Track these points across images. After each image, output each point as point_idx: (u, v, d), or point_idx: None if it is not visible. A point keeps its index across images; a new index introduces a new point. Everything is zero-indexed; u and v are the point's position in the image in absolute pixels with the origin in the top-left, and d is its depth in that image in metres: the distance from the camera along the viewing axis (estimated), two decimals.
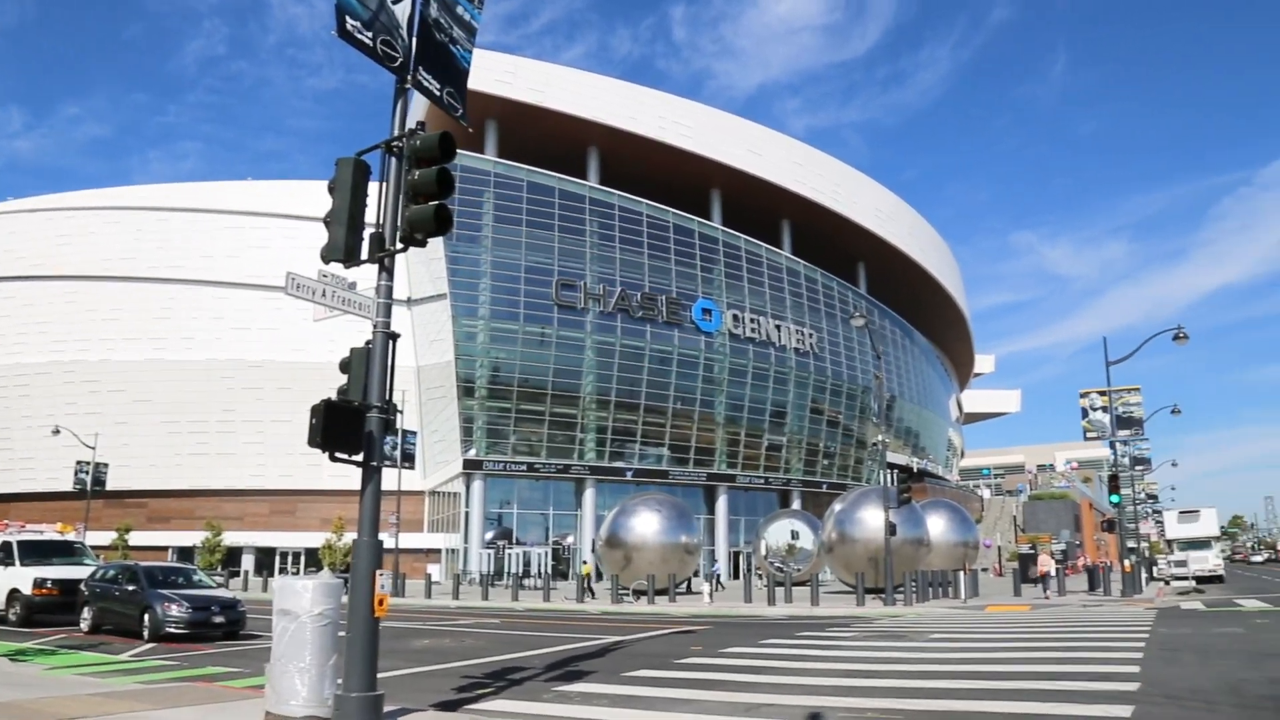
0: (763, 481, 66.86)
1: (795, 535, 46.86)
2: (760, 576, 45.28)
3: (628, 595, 34.35)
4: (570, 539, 59.18)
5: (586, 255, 59.72)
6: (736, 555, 63.32)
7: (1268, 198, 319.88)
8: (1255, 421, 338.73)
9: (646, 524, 39.18)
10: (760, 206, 68.77)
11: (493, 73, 56.17)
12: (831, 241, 73.79)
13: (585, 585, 35.69)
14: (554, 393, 58.10)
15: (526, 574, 51.77)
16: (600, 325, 59.29)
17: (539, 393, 57.85)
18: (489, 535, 56.43)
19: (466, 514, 56.64)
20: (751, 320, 65.63)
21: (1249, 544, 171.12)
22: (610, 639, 18.92)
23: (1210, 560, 48.76)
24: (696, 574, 44.17)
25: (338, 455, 8.62)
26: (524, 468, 57.83)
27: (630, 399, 60.13)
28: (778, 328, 67.14)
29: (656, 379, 60.88)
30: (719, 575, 46.52)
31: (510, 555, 54.19)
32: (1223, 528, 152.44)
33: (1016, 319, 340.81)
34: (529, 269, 58.11)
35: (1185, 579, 42.72)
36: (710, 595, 32.50)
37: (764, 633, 20.10)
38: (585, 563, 45.19)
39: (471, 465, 56.35)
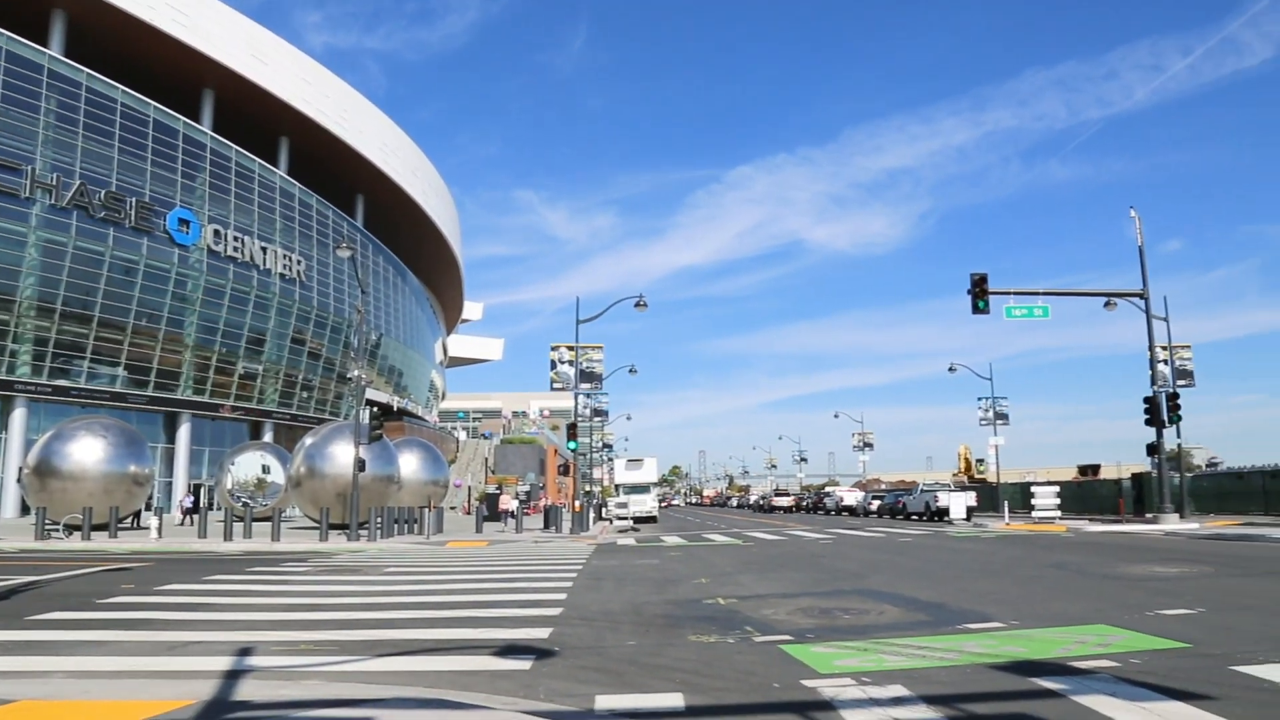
0: (233, 411, 63.08)
1: (266, 469, 45.05)
2: (221, 509, 42.81)
3: (58, 531, 30.45)
4: None
5: (39, 137, 51.16)
6: (198, 488, 59.21)
7: (731, 196, 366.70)
8: (700, 386, 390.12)
9: (88, 451, 35.11)
10: (260, 118, 64.15)
11: None
12: (333, 168, 71.23)
13: None
14: None
15: None
16: (50, 220, 51.29)
17: None
18: None
19: None
20: (235, 239, 61.13)
21: (683, 491, 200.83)
22: (22, 579, 16.52)
23: (648, 503, 55.35)
24: (148, 507, 40.54)
25: None
26: None
27: (83, 310, 53.04)
28: (264, 250, 63.32)
29: (117, 290, 54.31)
30: (193, 506, 43.77)
31: None
32: (663, 476, 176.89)
33: (509, 272, 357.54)
34: None
35: (626, 519, 48.14)
36: (159, 530, 29.91)
37: (212, 569, 18.87)
38: None
39: None
